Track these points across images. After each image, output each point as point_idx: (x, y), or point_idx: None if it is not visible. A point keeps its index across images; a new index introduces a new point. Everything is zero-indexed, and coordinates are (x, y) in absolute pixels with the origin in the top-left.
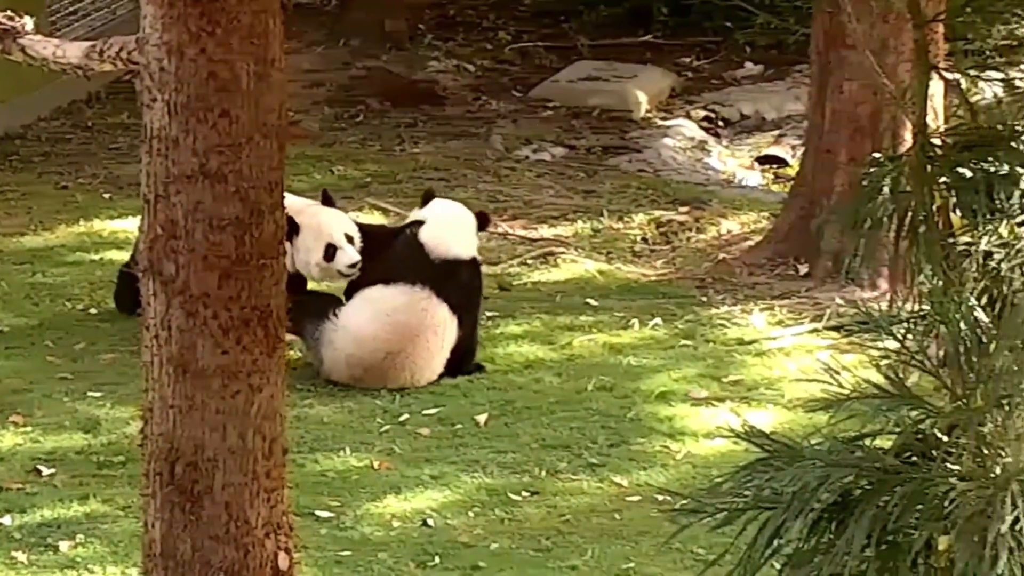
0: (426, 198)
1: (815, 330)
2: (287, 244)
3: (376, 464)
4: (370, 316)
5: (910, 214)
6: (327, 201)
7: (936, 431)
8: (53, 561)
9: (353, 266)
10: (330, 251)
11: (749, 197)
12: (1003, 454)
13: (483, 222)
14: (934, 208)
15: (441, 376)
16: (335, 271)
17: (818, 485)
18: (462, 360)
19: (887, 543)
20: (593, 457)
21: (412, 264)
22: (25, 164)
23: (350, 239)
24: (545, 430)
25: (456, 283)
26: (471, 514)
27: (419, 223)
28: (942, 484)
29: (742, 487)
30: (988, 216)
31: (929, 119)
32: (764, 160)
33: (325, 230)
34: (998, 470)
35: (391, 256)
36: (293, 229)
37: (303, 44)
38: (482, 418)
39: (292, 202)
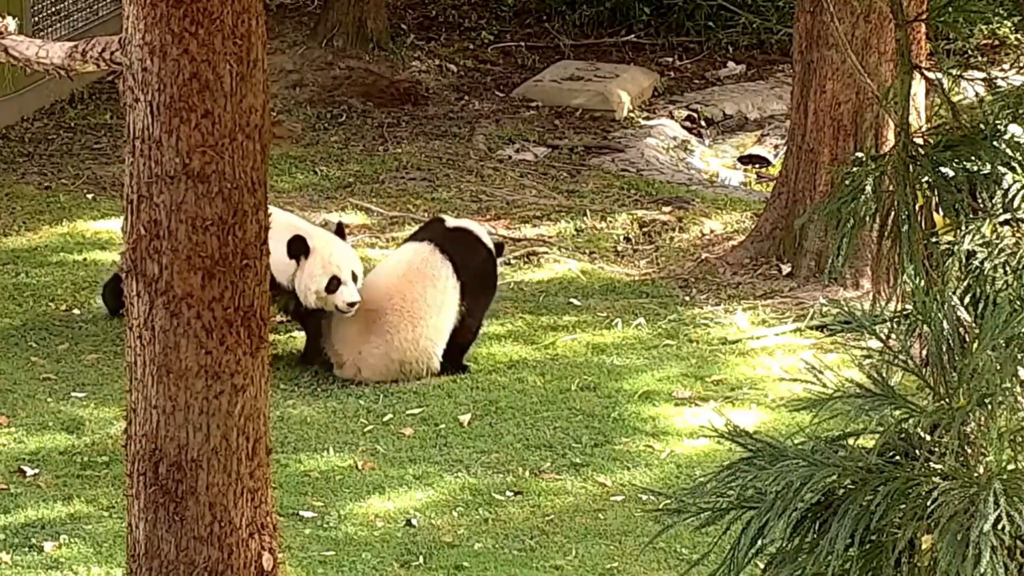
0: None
1: (798, 330)
2: (294, 263)
3: (360, 464)
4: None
5: (892, 213)
6: (340, 234)
7: (919, 430)
8: (37, 561)
9: (352, 305)
10: (333, 283)
11: (732, 197)
12: (985, 453)
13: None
14: (916, 207)
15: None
16: (333, 304)
17: (801, 484)
18: (459, 350)
19: (870, 542)
20: (577, 457)
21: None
22: (8, 165)
23: (355, 278)
24: (528, 430)
25: (469, 254)
26: (455, 514)
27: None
28: (925, 483)
29: (725, 486)
30: (970, 215)
31: (911, 118)
32: (747, 160)
33: (334, 261)
34: (981, 469)
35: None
36: (304, 250)
37: (285, 44)
38: (465, 418)
39: (305, 227)
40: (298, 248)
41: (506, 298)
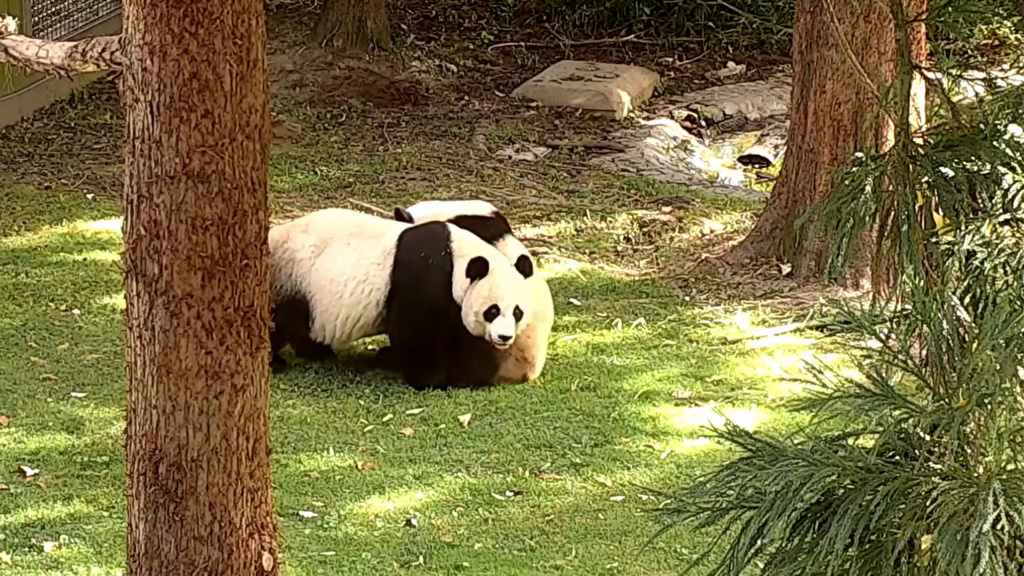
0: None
1: (798, 330)
2: (468, 282)
3: (359, 464)
4: None
5: (892, 213)
6: (523, 268)
7: (919, 430)
8: (37, 561)
9: (504, 339)
10: (492, 312)
11: (731, 197)
12: (985, 453)
13: None
14: (916, 207)
15: None
16: (487, 332)
17: (801, 484)
18: None
19: (870, 542)
20: (576, 457)
21: None
22: (8, 165)
23: (519, 314)
24: (528, 430)
25: None
26: (455, 514)
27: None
28: (924, 483)
29: (725, 486)
30: (970, 215)
31: (911, 118)
32: (746, 160)
33: (498, 292)
34: (980, 469)
35: None
36: (482, 273)
37: (285, 44)
38: (465, 418)
39: (489, 250)
40: (477, 270)
41: None
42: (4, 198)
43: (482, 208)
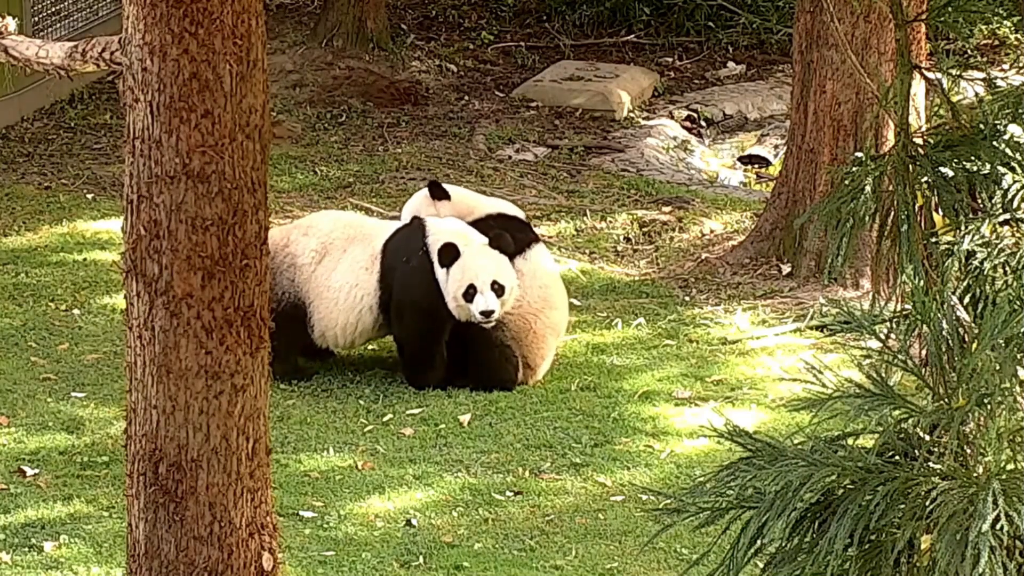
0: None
1: (798, 330)
2: (442, 271)
3: (359, 464)
4: None
5: (892, 213)
6: (499, 246)
7: (918, 430)
8: (37, 561)
9: (486, 315)
10: (470, 292)
11: (731, 197)
12: (984, 453)
13: None
14: (916, 207)
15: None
16: (471, 314)
17: (801, 484)
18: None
19: (869, 542)
20: (576, 457)
21: None
22: (8, 165)
23: (499, 288)
24: (528, 430)
25: None
26: (454, 514)
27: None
28: (924, 483)
29: (725, 486)
30: (970, 215)
31: (911, 118)
32: (746, 160)
33: (472, 271)
34: (980, 469)
35: None
36: (455, 256)
37: (285, 44)
38: (465, 418)
39: (457, 230)
40: (449, 256)
41: None
42: (4, 198)
43: (516, 212)
